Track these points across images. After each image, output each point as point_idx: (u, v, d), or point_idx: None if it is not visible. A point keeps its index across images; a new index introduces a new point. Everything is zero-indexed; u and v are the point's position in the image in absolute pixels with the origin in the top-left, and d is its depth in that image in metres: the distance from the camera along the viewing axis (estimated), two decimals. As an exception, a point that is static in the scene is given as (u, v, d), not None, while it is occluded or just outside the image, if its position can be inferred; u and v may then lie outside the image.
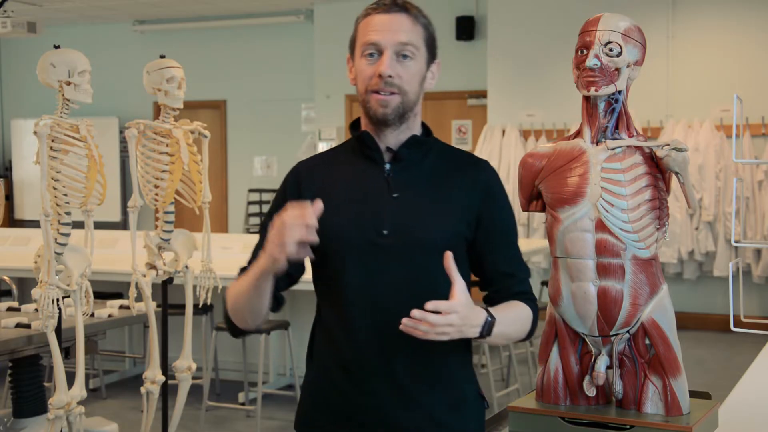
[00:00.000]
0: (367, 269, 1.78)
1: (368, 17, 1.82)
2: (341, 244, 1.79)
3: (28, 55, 11.27)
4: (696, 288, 8.19)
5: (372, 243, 1.77)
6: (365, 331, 1.78)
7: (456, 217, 1.81)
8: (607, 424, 1.91)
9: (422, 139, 1.87)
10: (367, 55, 1.80)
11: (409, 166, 1.83)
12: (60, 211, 3.18)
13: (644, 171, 1.94)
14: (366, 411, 1.80)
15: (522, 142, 8.57)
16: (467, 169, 1.87)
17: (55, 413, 3.20)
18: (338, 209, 1.79)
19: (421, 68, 1.83)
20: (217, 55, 10.77)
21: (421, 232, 1.78)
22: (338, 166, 1.88)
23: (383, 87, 1.78)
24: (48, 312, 3.11)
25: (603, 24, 1.94)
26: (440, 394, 1.83)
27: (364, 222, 1.79)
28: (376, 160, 1.84)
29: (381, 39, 1.78)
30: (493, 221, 1.86)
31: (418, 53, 1.81)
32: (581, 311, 1.96)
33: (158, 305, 3.77)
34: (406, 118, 1.82)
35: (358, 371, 1.80)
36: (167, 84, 3.52)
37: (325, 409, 1.86)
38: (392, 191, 1.80)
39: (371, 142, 1.84)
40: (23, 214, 11.35)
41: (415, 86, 1.81)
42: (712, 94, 7.97)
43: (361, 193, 1.82)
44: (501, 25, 8.72)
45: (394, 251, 1.77)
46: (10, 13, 7.45)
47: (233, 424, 5.20)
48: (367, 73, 1.80)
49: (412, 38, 1.80)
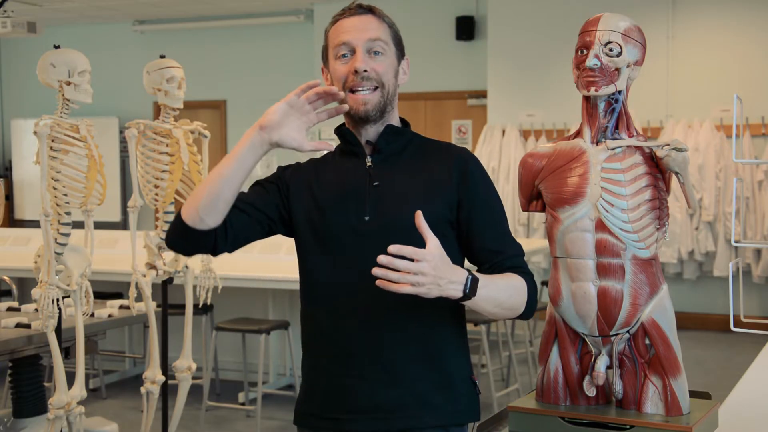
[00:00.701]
0: (351, 254, 1.86)
1: (337, 23, 1.93)
2: (326, 231, 1.89)
3: (28, 55, 11.27)
4: (696, 288, 8.19)
5: (355, 229, 1.87)
6: (351, 314, 1.86)
7: (435, 200, 1.87)
8: (607, 424, 1.91)
9: (399, 128, 1.95)
10: (340, 57, 1.90)
11: (389, 156, 1.93)
12: (60, 211, 3.18)
13: (644, 171, 1.94)
14: (355, 392, 1.87)
15: (522, 142, 8.57)
16: (445, 155, 1.94)
17: (55, 413, 3.20)
18: (323, 201, 1.91)
19: (393, 63, 1.92)
20: (217, 55, 10.77)
21: (401, 215, 1.84)
22: (325, 164, 1.98)
23: (360, 83, 1.86)
24: (48, 312, 3.11)
25: (603, 24, 1.94)
26: (428, 373, 1.88)
27: (347, 210, 1.88)
28: (357, 154, 1.93)
29: (351, 38, 1.88)
30: (474, 201, 1.90)
31: (388, 49, 1.91)
32: (581, 311, 1.96)
33: (158, 305, 3.78)
34: (386, 112, 1.91)
35: (347, 356, 1.87)
36: (167, 84, 3.52)
37: (318, 394, 1.92)
38: (373, 180, 1.90)
39: (351, 137, 1.94)
40: (23, 214, 11.35)
41: (391, 79, 1.91)
42: (712, 94, 7.97)
43: (344, 185, 1.91)
44: (501, 25, 8.72)
45: (376, 235, 1.83)
46: (10, 13, 7.45)
47: (233, 424, 5.20)
48: (343, 72, 1.89)
49: (381, 35, 1.90)
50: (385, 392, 1.86)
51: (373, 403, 1.86)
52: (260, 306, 5.76)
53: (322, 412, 1.92)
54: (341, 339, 1.88)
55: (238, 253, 2.05)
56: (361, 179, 1.91)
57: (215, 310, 5.57)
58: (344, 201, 1.90)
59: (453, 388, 1.91)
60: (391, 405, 1.86)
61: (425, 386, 1.88)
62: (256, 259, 5.60)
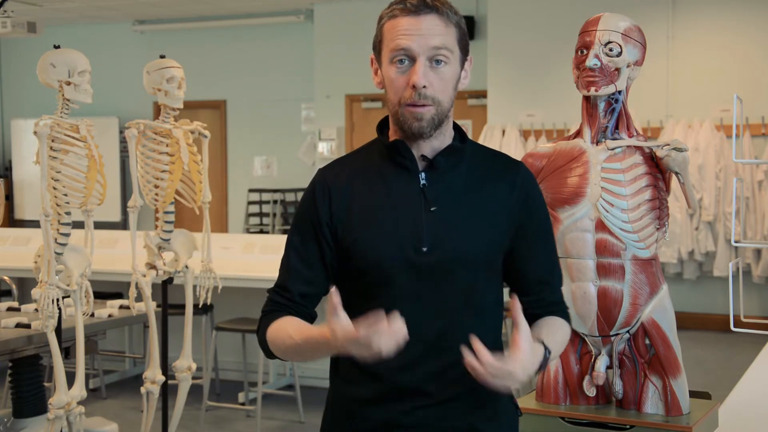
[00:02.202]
0: (407, 287, 1.67)
1: (395, 19, 1.67)
2: (379, 262, 1.68)
3: (28, 55, 11.27)
4: (696, 288, 8.19)
5: (411, 260, 1.67)
6: (403, 351, 1.56)
7: (495, 227, 1.71)
8: (607, 424, 1.91)
9: (458, 146, 1.74)
10: (396, 62, 1.66)
11: (444, 174, 1.71)
12: (60, 211, 3.18)
13: (644, 171, 1.94)
14: (400, 427, 1.70)
15: (522, 142, 8.57)
16: (503, 174, 1.75)
17: (55, 413, 3.20)
18: (374, 225, 1.70)
19: (456, 71, 1.70)
20: (217, 55, 10.77)
21: (461, 246, 1.67)
22: (369, 177, 1.74)
23: (417, 99, 1.64)
24: (48, 312, 3.11)
25: (603, 24, 1.94)
26: (477, 409, 1.72)
27: (402, 239, 1.68)
28: (409, 168, 1.71)
29: (412, 44, 1.64)
30: (533, 227, 1.74)
31: (452, 56, 1.68)
32: (581, 311, 1.96)
33: (158, 305, 3.77)
34: (441, 126, 1.69)
35: (393, 392, 1.69)
36: (167, 84, 3.52)
37: (355, 425, 1.74)
38: (429, 205, 1.69)
39: (405, 150, 1.71)
40: (23, 214, 11.35)
41: (449, 93, 1.69)
42: (712, 94, 7.96)
43: (396, 207, 1.70)
44: (501, 25, 8.72)
45: (435, 268, 1.67)
46: (10, 13, 7.45)
47: (233, 424, 5.20)
48: (400, 84, 1.66)
49: (446, 41, 1.67)
50: (436, 424, 1.70)
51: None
52: (260, 306, 5.73)
53: None
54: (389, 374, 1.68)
55: (238, 253, 2.04)
56: (416, 201, 1.69)
57: (215, 310, 5.56)
58: (398, 226, 1.68)
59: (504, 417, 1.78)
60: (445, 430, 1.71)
61: (479, 420, 1.72)
62: (256, 259, 5.59)
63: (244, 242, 6.11)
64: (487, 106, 8.91)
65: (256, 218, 10.69)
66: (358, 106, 9.80)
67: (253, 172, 10.85)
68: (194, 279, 3.75)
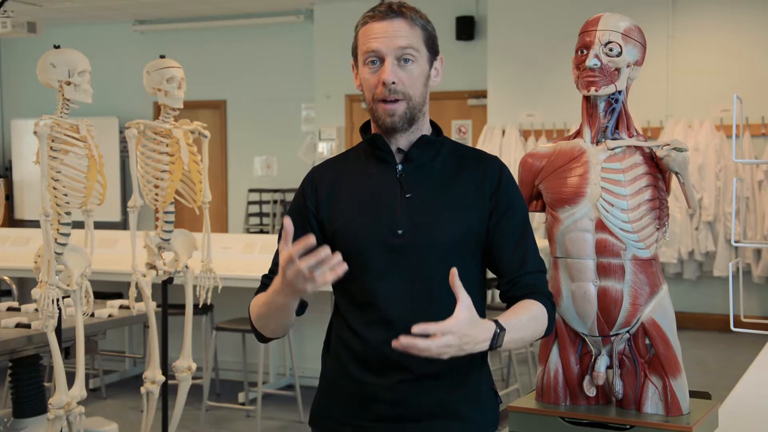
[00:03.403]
0: (385, 268, 1.82)
1: (366, 25, 1.86)
2: (360, 244, 1.83)
3: (28, 55, 11.27)
4: (696, 288, 8.19)
5: (388, 243, 1.82)
6: (383, 327, 1.81)
7: (468, 212, 1.84)
8: (607, 424, 1.91)
9: (432, 138, 1.90)
10: (369, 63, 1.84)
11: (420, 166, 1.87)
12: (60, 211, 3.18)
13: (644, 171, 1.94)
14: (384, 402, 1.82)
15: (522, 142, 8.57)
16: (477, 165, 1.89)
17: (55, 413, 3.20)
18: (355, 211, 1.86)
19: (424, 69, 1.86)
20: (217, 55, 10.77)
21: (434, 230, 1.81)
22: (352, 170, 1.92)
23: (388, 95, 1.82)
24: (48, 312, 3.11)
25: (603, 24, 1.94)
26: (458, 389, 1.84)
27: (380, 223, 1.83)
28: (387, 161, 1.88)
29: (381, 46, 1.82)
30: (507, 214, 1.85)
31: (418, 55, 1.84)
32: (581, 311, 1.96)
33: (158, 305, 3.77)
34: (415, 121, 1.86)
35: (376, 366, 1.83)
36: (167, 84, 3.52)
37: (341, 400, 1.89)
38: (405, 192, 1.84)
39: (382, 144, 1.88)
40: (23, 214, 11.35)
41: (419, 88, 1.85)
42: (712, 94, 7.96)
43: (375, 195, 1.87)
44: (501, 25, 8.72)
45: (409, 250, 1.81)
46: (10, 13, 7.45)
47: (233, 424, 5.20)
48: (372, 82, 1.84)
49: (412, 41, 1.83)
50: (416, 400, 1.82)
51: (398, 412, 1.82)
52: (260, 306, 5.74)
53: (344, 417, 1.88)
54: (370, 349, 1.83)
55: (238, 253, 2.05)
56: (393, 189, 1.86)
57: (215, 310, 5.56)
58: (376, 212, 1.85)
59: (483, 401, 1.89)
60: (425, 410, 1.82)
61: (459, 403, 1.84)
62: (256, 259, 5.60)
63: (244, 242, 6.11)
64: (487, 106, 8.91)
65: (256, 218, 10.69)
66: (358, 106, 9.81)
67: (253, 172, 10.85)
68: (194, 279, 3.75)
